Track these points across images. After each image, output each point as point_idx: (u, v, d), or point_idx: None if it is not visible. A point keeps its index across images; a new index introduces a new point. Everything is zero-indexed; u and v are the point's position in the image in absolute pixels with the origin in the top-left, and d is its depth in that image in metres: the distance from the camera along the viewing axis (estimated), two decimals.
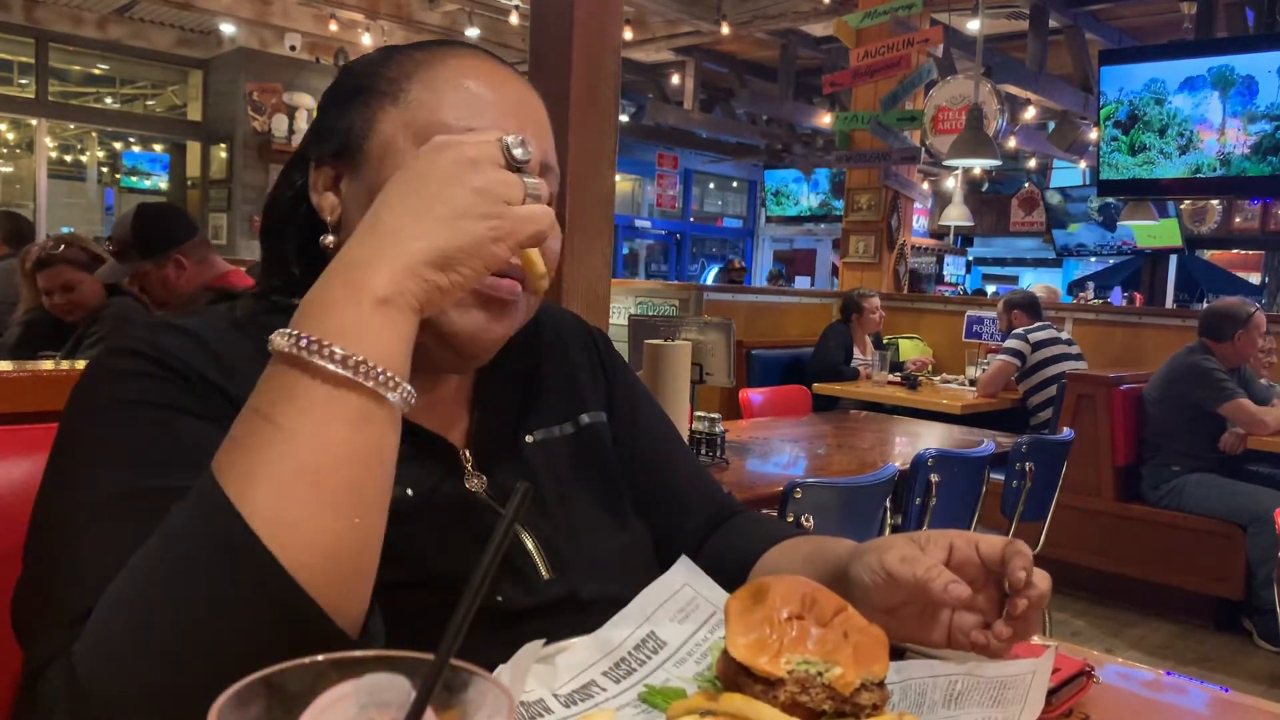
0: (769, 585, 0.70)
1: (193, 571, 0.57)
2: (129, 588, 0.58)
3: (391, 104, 0.79)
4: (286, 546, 0.57)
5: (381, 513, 0.63)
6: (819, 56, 9.73)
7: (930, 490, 2.70)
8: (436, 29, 8.96)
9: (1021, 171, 13.25)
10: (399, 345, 0.62)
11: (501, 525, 0.48)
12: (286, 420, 0.59)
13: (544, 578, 0.84)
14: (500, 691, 0.41)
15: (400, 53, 0.84)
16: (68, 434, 0.72)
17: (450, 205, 0.63)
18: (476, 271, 0.64)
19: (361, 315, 0.61)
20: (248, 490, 0.58)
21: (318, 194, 0.83)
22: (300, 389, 0.60)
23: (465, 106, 0.79)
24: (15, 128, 9.67)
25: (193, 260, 2.77)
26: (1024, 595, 0.72)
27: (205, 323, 0.78)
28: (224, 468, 0.59)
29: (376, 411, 0.61)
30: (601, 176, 2.13)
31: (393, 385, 0.61)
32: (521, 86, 0.84)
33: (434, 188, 0.64)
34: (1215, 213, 11.12)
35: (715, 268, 15.76)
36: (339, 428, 0.60)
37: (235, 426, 0.61)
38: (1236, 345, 4.18)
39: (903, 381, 5.30)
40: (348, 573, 0.60)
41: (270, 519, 0.57)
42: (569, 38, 2.03)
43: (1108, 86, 6.01)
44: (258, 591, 0.56)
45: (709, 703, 0.65)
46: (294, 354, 0.60)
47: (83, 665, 0.56)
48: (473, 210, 0.63)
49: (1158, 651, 3.88)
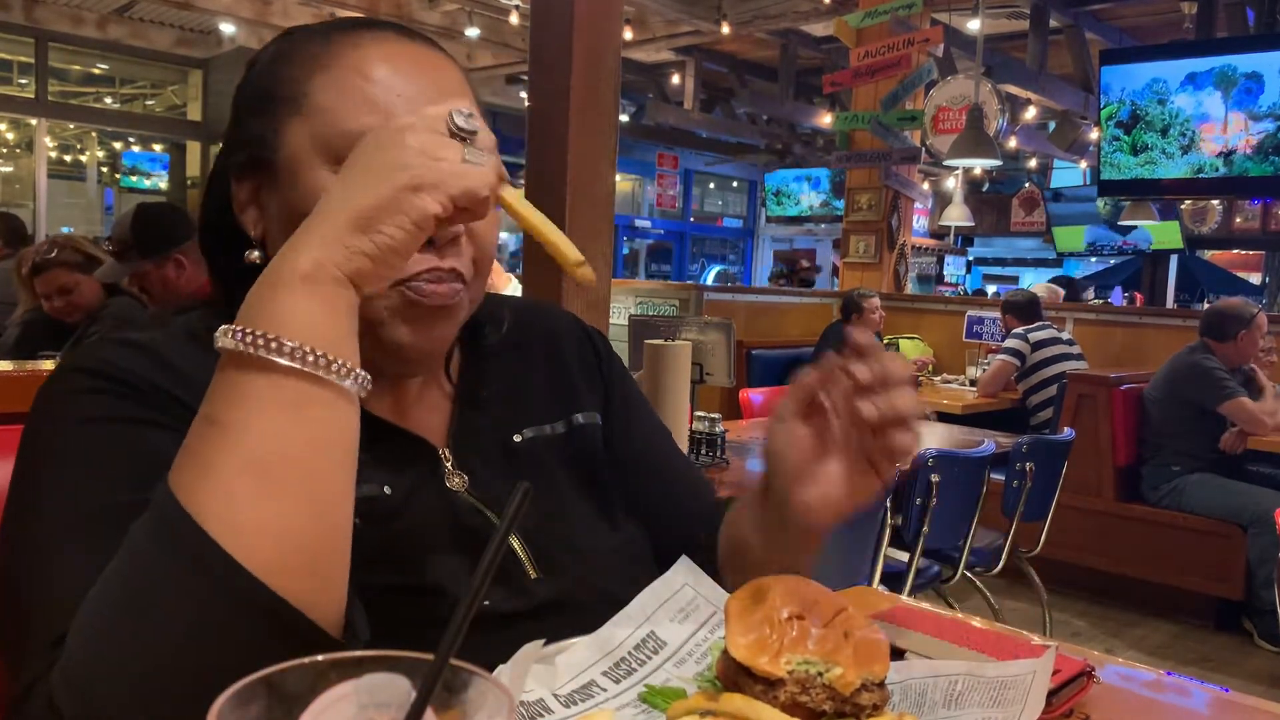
0: (769, 585, 0.70)
1: (157, 586, 0.56)
2: (96, 611, 0.57)
3: (293, 113, 0.75)
4: (244, 545, 0.56)
5: (343, 502, 0.61)
6: (819, 56, 9.73)
7: (931, 490, 2.70)
8: (436, 29, 8.95)
9: (1022, 171, 13.24)
10: (332, 322, 0.60)
11: (502, 525, 0.47)
12: (228, 417, 0.58)
13: (531, 578, 0.83)
14: (500, 691, 0.41)
15: (298, 46, 0.78)
16: (29, 458, 0.70)
17: (379, 170, 0.61)
18: (403, 230, 0.60)
19: (290, 297, 0.59)
20: (198, 493, 0.57)
21: (240, 209, 0.80)
22: (239, 383, 0.59)
23: (367, 105, 0.74)
24: (15, 128, 9.67)
25: (192, 260, 2.77)
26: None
27: (156, 336, 0.76)
28: (176, 476, 0.58)
29: (319, 394, 0.59)
30: (601, 176, 2.13)
31: (330, 366, 0.59)
32: (434, 66, 0.79)
33: (367, 158, 0.62)
34: (1216, 213, 11.12)
35: (715, 268, 15.77)
36: (280, 415, 0.58)
37: (189, 434, 0.60)
38: (1239, 345, 4.18)
39: None
40: (312, 566, 0.58)
41: (223, 519, 0.56)
42: (569, 37, 2.03)
43: (1109, 86, 6.01)
44: (225, 595, 0.55)
45: (709, 703, 0.65)
46: (234, 349, 0.59)
47: (60, 693, 0.56)
48: (394, 164, 0.61)
49: (1158, 652, 3.88)
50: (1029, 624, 3.79)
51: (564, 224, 0.89)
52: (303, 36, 0.80)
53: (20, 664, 0.62)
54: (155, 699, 0.55)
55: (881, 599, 1.08)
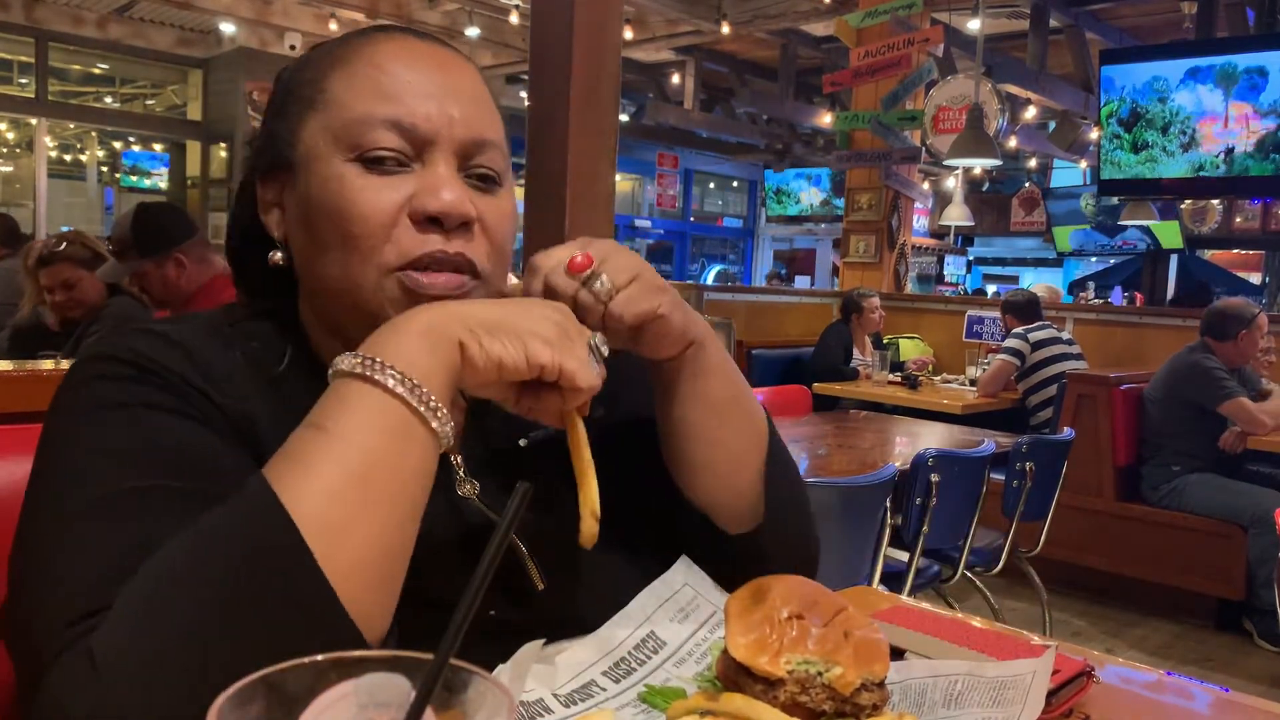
0: (769, 585, 0.70)
1: (230, 562, 0.58)
2: (157, 581, 0.58)
3: (311, 109, 0.78)
4: (330, 544, 0.59)
5: (413, 529, 0.65)
6: (819, 56, 9.73)
7: (930, 490, 2.70)
8: (436, 28, 8.96)
9: (1022, 171, 13.24)
10: (441, 372, 0.65)
11: (501, 525, 0.47)
12: (336, 427, 0.62)
13: (538, 588, 0.82)
14: (500, 691, 0.41)
15: (321, 51, 0.82)
16: (50, 441, 0.71)
17: (527, 313, 0.70)
18: (516, 354, 0.67)
19: (407, 340, 0.65)
20: (297, 488, 0.60)
21: (264, 211, 0.82)
22: (353, 399, 0.63)
23: (378, 95, 0.76)
24: (15, 127, 9.67)
25: (192, 259, 2.77)
26: None
27: (182, 329, 0.77)
28: (273, 472, 0.62)
29: (416, 428, 0.64)
30: (601, 176, 2.13)
31: (438, 412, 0.64)
32: (448, 63, 0.80)
33: (523, 305, 0.72)
34: (1216, 213, 11.12)
35: (716, 267, 15.77)
36: (382, 436, 0.63)
37: (288, 441, 0.64)
38: (1239, 345, 4.18)
39: (903, 381, 5.30)
40: (379, 580, 0.62)
41: (316, 519, 0.59)
42: (569, 37, 2.03)
43: (1109, 84, 6.01)
44: (289, 587, 0.58)
45: (709, 703, 0.65)
46: (353, 371, 0.64)
47: (104, 657, 0.56)
48: (542, 316, 0.69)
49: (1158, 652, 3.88)
50: (1029, 624, 3.79)
51: (564, 224, 0.89)
52: (325, 44, 0.83)
53: (34, 643, 0.61)
54: (195, 672, 0.55)
55: (881, 599, 1.08)
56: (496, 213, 0.79)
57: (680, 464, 0.88)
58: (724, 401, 0.85)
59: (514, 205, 0.83)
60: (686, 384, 0.84)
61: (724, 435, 0.86)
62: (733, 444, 0.86)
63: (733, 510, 0.88)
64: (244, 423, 0.74)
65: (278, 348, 0.81)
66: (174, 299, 2.79)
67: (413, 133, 0.75)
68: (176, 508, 0.64)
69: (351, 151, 0.75)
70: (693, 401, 0.84)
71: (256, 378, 0.77)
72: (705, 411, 0.85)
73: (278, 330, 0.82)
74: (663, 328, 0.79)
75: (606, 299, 0.75)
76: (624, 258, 0.77)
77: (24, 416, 0.73)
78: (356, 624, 0.59)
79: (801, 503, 0.94)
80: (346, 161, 0.75)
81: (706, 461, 0.86)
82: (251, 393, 0.75)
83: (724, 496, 0.87)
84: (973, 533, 3.03)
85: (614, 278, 0.75)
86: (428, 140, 0.76)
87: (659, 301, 0.77)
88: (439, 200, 0.75)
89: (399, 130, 0.75)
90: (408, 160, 0.76)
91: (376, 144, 0.75)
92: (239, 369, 0.76)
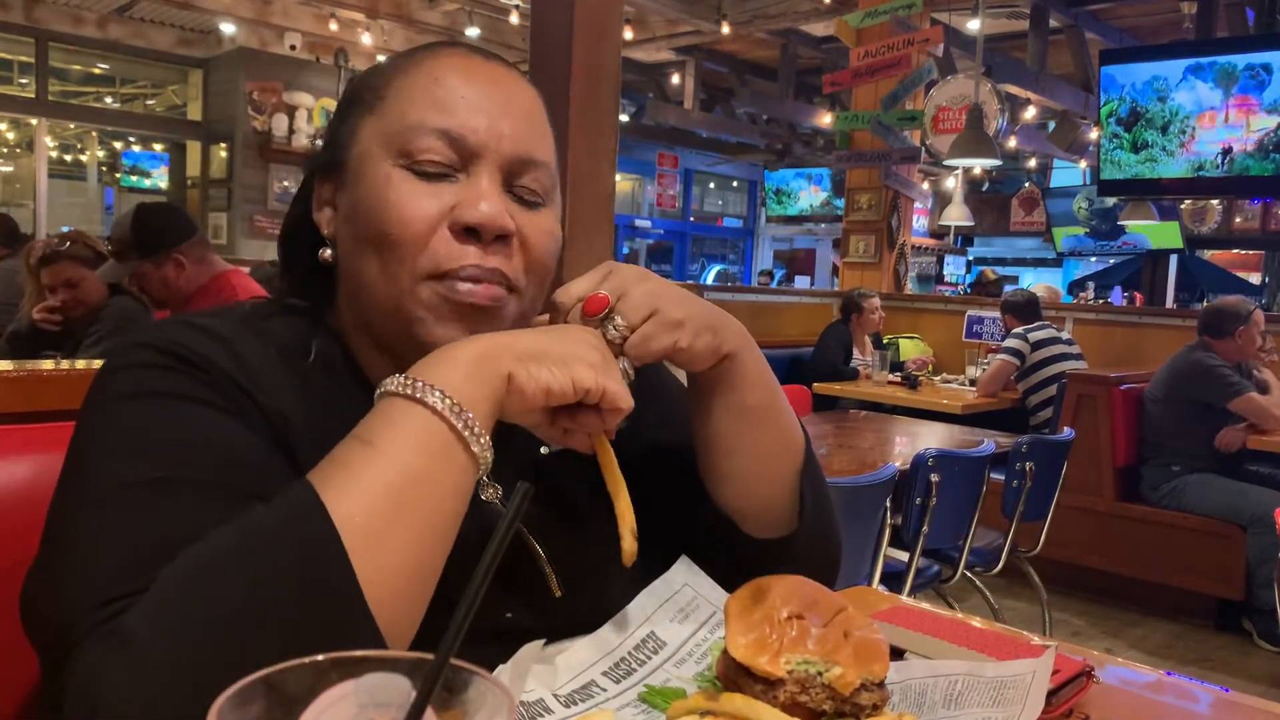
0: (769, 585, 0.70)
1: (270, 557, 0.60)
2: (199, 570, 0.59)
3: (369, 113, 0.80)
4: (363, 554, 0.61)
5: (446, 545, 0.67)
6: (819, 56, 9.72)
7: (930, 490, 2.70)
8: (437, 28, 8.96)
9: (1022, 171, 13.24)
10: (486, 400, 0.68)
11: (501, 525, 0.47)
12: (382, 443, 0.65)
13: (555, 596, 0.82)
14: (500, 691, 0.41)
15: (389, 60, 0.85)
16: (89, 427, 0.72)
17: (570, 336, 0.73)
18: (561, 379, 0.69)
19: (454, 368, 0.68)
20: (339, 502, 0.62)
21: (318, 209, 0.84)
22: (400, 418, 0.66)
23: (433, 105, 0.78)
24: (15, 127, 9.67)
25: (192, 260, 2.77)
26: None
27: (220, 323, 0.78)
28: (319, 478, 0.64)
29: (457, 450, 0.66)
30: (601, 176, 2.13)
31: (479, 435, 0.67)
32: (504, 80, 0.82)
33: (561, 330, 0.75)
34: (1215, 213, 11.12)
35: (716, 267, 15.77)
36: (425, 454, 0.65)
37: (335, 450, 0.66)
38: (1237, 342, 4.18)
39: (903, 381, 5.30)
40: (409, 590, 0.64)
41: (356, 526, 0.61)
42: (569, 37, 2.03)
43: (1109, 83, 6.00)
44: (323, 585, 0.59)
45: (709, 703, 0.65)
46: (400, 392, 0.67)
47: (136, 640, 0.56)
48: (585, 342, 0.73)
49: (1158, 652, 3.88)
50: (1029, 624, 3.79)
51: (564, 223, 0.88)
52: (397, 55, 0.86)
53: (60, 625, 0.62)
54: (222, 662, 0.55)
55: (881, 599, 1.08)
56: (536, 230, 0.80)
57: (712, 470, 0.88)
58: (759, 410, 0.85)
59: (556, 224, 0.84)
60: (721, 394, 0.85)
61: (758, 443, 0.86)
62: (766, 452, 0.86)
63: (763, 517, 0.88)
64: (278, 418, 0.75)
65: (309, 344, 0.82)
66: (173, 299, 2.79)
67: (461, 144, 0.77)
68: (212, 500, 0.65)
69: (401, 157, 0.77)
70: (726, 411, 0.85)
71: (289, 374, 0.78)
72: (740, 420, 0.85)
73: (309, 327, 0.83)
74: (685, 358, 0.80)
75: (622, 340, 0.76)
76: (641, 292, 0.78)
77: (24, 416, 0.73)
78: (380, 629, 0.60)
79: (831, 508, 0.94)
80: (395, 166, 0.77)
81: (739, 469, 0.86)
82: (285, 389, 0.76)
83: (755, 503, 0.87)
84: (972, 533, 3.03)
85: (629, 317, 0.76)
86: (475, 153, 0.78)
87: (676, 337, 0.78)
88: (477, 212, 0.76)
89: (448, 140, 0.77)
90: (453, 171, 0.78)
91: (425, 151, 0.76)
92: (274, 364, 0.77)
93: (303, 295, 0.86)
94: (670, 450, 0.92)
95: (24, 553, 0.70)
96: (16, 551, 0.72)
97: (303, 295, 0.86)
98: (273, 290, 0.89)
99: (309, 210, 0.85)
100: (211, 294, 2.76)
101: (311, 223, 0.85)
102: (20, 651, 0.67)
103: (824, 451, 3.20)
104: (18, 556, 0.71)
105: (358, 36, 8.93)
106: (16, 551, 0.72)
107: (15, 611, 0.67)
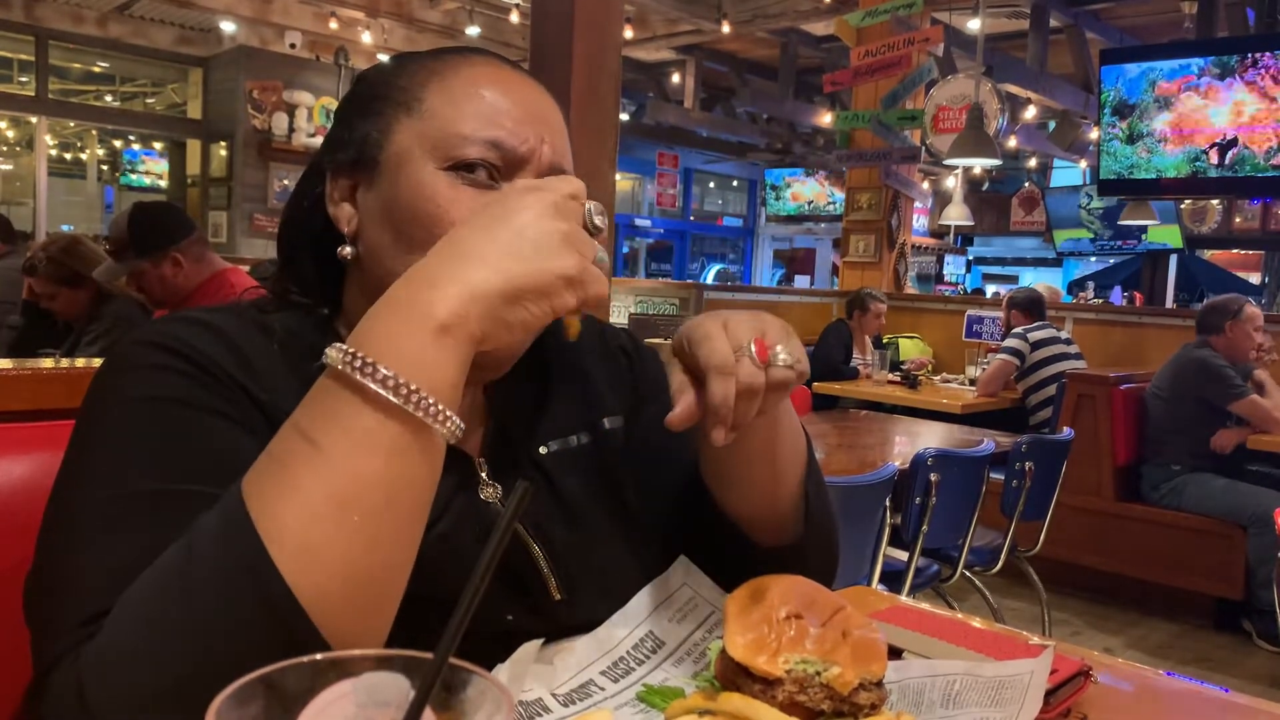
0: (767, 585, 0.70)
1: (207, 588, 0.57)
2: (143, 598, 0.58)
3: (406, 114, 0.80)
4: (305, 572, 0.57)
5: (411, 547, 0.63)
6: (819, 55, 9.72)
7: (930, 490, 2.70)
8: (437, 27, 8.95)
9: (1022, 171, 13.24)
10: (453, 376, 0.62)
11: (500, 525, 0.47)
12: (326, 441, 0.59)
13: (554, 599, 0.82)
14: (499, 691, 0.41)
15: (414, 61, 0.84)
16: (88, 426, 0.71)
17: (536, 244, 0.64)
18: (543, 313, 0.65)
19: (421, 343, 0.61)
20: (275, 511, 0.58)
21: (334, 205, 0.83)
22: (345, 410, 0.60)
23: (482, 116, 0.79)
24: (15, 125, 9.67)
25: (190, 258, 2.77)
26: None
27: (224, 318, 0.77)
28: (255, 484, 0.59)
29: (417, 442, 0.61)
30: (602, 175, 2.13)
31: (441, 418, 0.61)
32: (537, 92, 0.84)
33: (521, 223, 0.65)
34: (1215, 212, 11.12)
35: (715, 267, 15.77)
36: (377, 457, 0.59)
37: (274, 442, 0.61)
38: (1229, 337, 4.18)
39: (903, 381, 5.30)
40: (365, 604, 0.60)
41: (293, 543, 0.57)
42: (569, 36, 2.03)
43: (1109, 83, 6.00)
44: (267, 615, 0.56)
45: (707, 702, 0.65)
46: (345, 373, 0.60)
47: (89, 671, 0.56)
48: (556, 253, 0.64)
49: (1157, 651, 3.88)
50: (1028, 624, 3.79)
51: None
52: (415, 56, 0.86)
53: (48, 635, 0.62)
54: (172, 695, 0.55)
55: (880, 598, 1.08)
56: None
57: (719, 479, 0.87)
58: (768, 420, 0.84)
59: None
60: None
61: (780, 450, 0.85)
62: (774, 460, 0.85)
63: (768, 524, 0.87)
64: (280, 416, 0.73)
65: (312, 341, 0.80)
66: (171, 298, 2.78)
67: (511, 154, 0.79)
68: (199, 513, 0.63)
69: (446, 161, 0.77)
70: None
71: (292, 370, 0.77)
72: (749, 429, 0.83)
73: (314, 323, 0.83)
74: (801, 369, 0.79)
75: (792, 367, 0.74)
76: (777, 327, 0.76)
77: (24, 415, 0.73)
78: (335, 643, 0.58)
79: (833, 513, 0.94)
80: (439, 170, 0.77)
81: (747, 477, 0.86)
82: (288, 386, 0.75)
83: (761, 511, 0.87)
84: (972, 532, 3.03)
85: (792, 351, 0.74)
86: (521, 162, 0.79)
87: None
88: None
89: (499, 150, 0.78)
90: (497, 178, 0.79)
91: (475, 158, 0.77)
92: (277, 362, 0.77)
93: (306, 291, 0.85)
94: (671, 447, 0.91)
95: (24, 552, 0.70)
96: (16, 551, 0.72)
97: (306, 291, 0.85)
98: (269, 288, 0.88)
99: (314, 205, 0.84)
100: (210, 292, 2.75)
101: (316, 218, 0.84)
102: (21, 652, 0.67)
103: (823, 451, 3.20)
104: (18, 556, 0.71)
105: (358, 35, 8.93)
106: (16, 551, 0.72)
107: (15, 611, 0.67)
